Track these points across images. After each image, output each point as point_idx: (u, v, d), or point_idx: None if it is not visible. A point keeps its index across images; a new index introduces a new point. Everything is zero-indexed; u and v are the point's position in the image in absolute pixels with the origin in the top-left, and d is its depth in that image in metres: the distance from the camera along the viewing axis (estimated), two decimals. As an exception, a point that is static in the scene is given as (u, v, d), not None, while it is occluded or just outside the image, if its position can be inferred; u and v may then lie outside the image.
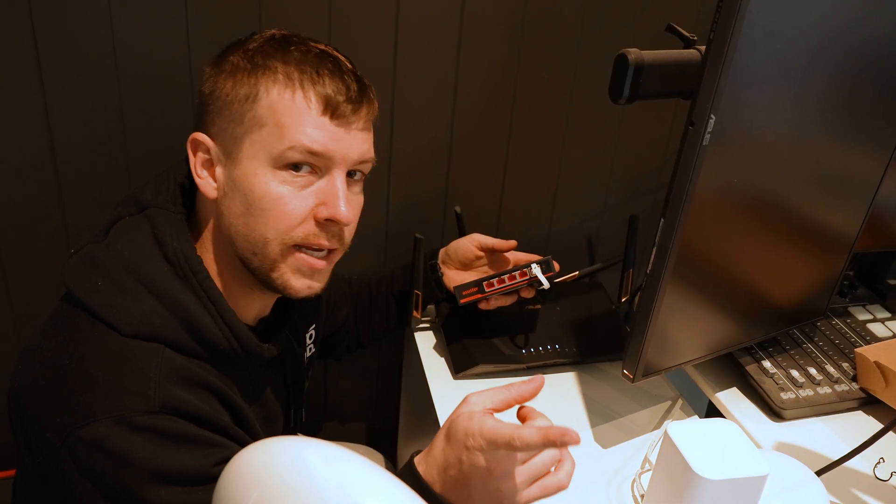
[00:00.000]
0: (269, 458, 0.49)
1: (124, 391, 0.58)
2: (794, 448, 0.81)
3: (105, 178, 0.92)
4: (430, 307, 1.04)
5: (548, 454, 0.60)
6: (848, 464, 0.73)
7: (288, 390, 0.81)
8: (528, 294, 0.92)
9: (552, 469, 0.61)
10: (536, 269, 0.88)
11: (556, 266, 0.90)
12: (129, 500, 0.58)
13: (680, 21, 0.85)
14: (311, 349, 0.88)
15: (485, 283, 0.89)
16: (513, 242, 0.94)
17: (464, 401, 0.62)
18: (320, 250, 0.68)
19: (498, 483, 0.58)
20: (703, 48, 0.81)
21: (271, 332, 0.76)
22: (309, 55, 0.66)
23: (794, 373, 0.88)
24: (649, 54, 0.77)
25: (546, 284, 0.89)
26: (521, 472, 0.59)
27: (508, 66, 1.00)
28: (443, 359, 0.97)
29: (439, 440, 0.61)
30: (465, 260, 0.95)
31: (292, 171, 0.65)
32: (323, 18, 0.91)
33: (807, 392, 0.86)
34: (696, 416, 0.91)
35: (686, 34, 0.82)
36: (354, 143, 0.67)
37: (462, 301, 0.90)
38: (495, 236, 0.96)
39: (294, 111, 0.64)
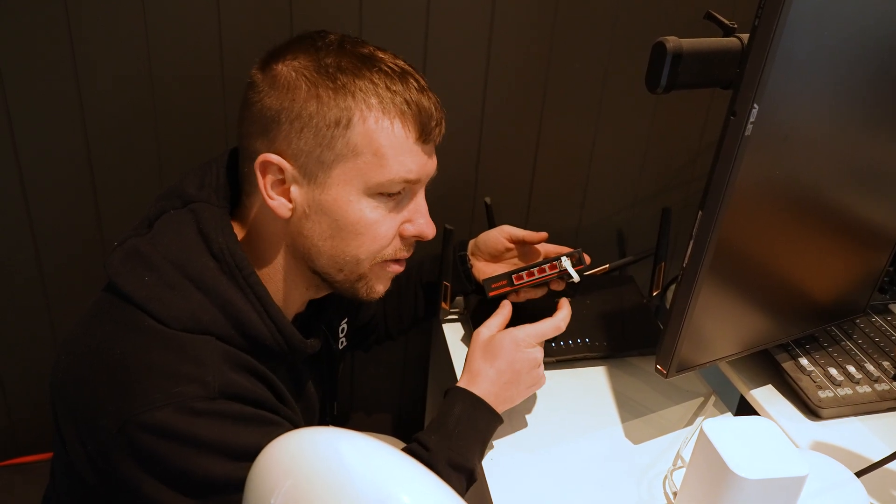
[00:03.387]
0: (302, 447, 0.49)
1: (183, 378, 0.58)
2: (831, 448, 0.79)
3: (139, 186, 0.94)
4: (459, 298, 1.03)
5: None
6: (890, 465, 0.71)
7: (323, 384, 0.82)
8: (558, 287, 0.91)
9: None
10: (566, 262, 0.87)
11: (587, 259, 0.89)
12: (193, 478, 0.58)
13: (719, 8, 0.83)
14: (342, 342, 0.88)
15: (514, 275, 0.88)
16: (543, 234, 0.93)
17: (476, 334, 0.81)
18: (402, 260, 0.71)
19: (540, 370, 0.80)
20: (743, 36, 0.79)
21: (308, 327, 0.76)
22: (394, 76, 0.65)
23: (833, 371, 0.86)
24: (688, 42, 0.75)
25: (576, 277, 0.87)
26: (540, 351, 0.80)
27: (540, 54, 0.98)
28: (471, 351, 0.96)
29: (478, 363, 0.78)
30: (494, 252, 0.94)
31: (385, 196, 0.66)
32: (354, 10, 0.90)
33: (845, 391, 0.84)
34: (729, 413, 0.89)
35: (726, 22, 0.80)
36: (433, 159, 0.69)
37: (491, 294, 0.89)
38: (524, 228, 0.94)
39: (394, 142, 0.64)
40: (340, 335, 0.87)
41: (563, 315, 0.82)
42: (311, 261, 0.68)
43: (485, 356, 0.77)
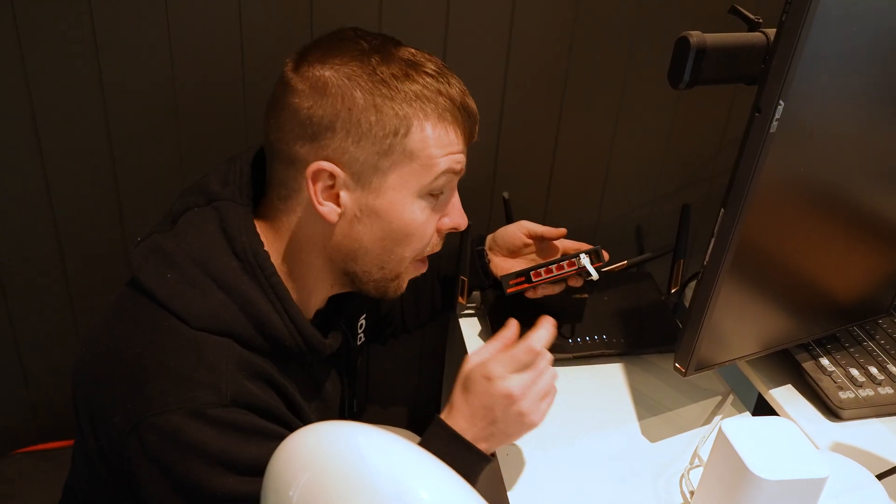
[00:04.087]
0: (321, 441, 0.49)
1: (197, 383, 0.59)
2: (851, 449, 0.78)
3: (161, 187, 0.94)
4: (476, 293, 1.03)
5: (549, 373, 0.71)
6: (912, 469, 0.70)
7: (342, 381, 0.82)
8: (576, 283, 0.91)
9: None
10: (585, 260, 0.87)
11: (606, 256, 0.88)
12: (196, 488, 0.59)
13: (743, 2, 0.82)
14: (361, 338, 0.88)
15: (532, 272, 0.88)
16: (562, 230, 0.92)
17: (464, 361, 0.71)
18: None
19: (520, 405, 0.67)
20: (768, 31, 0.77)
21: (327, 324, 0.76)
22: (442, 80, 0.66)
23: (854, 371, 0.85)
24: (712, 37, 0.74)
25: (595, 275, 0.87)
26: (534, 392, 0.69)
27: (560, 48, 0.98)
28: (487, 346, 0.96)
29: (457, 396, 0.69)
30: (512, 247, 0.94)
31: (433, 197, 0.68)
32: (374, 8, 0.90)
33: (867, 392, 0.83)
34: (748, 413, 0.89)
35: (751, 16, 0.79)
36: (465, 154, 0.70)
37: (509, 290, 0.88)
38: (542, 223, 0.94)
39: (447, 145, 0.66)
40: (359, 330, 0.87)
41: (538, 335, 0.69)
42: (354, 261, 0.68)
43: (463, 389, 0.69)
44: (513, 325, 0.74)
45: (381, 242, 0.67)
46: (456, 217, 0.71)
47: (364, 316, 0.88)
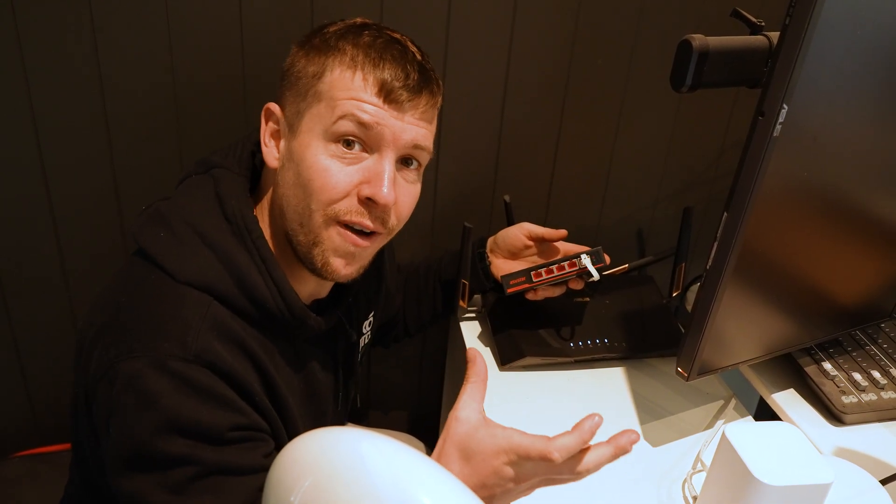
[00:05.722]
0: (324, 446, 0.49)
1: (165, 334, 0.60)
2: (855, 454, 0.78)
3: (161, 187, 0.93)
4: (476, 296, 1.03)
5: (565, 469, 0.58)
6: (915, 474, 0.70)
7: (338, 372, 0.82)
8: (578, 286, 0.90)
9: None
10: (586, 260, 0.86)
11: (607, 258, 0.88)
12: (138, 440, 0.59)
13: (746, 5, 0.82)
14: (367, 336, 0.88)
15: (533, 272, 0.88)
16: (563, 232, 0.92)
17: (454, 419, 0.60)
18: (362, 231, 0.68)
19: (523, 488, 0.59)
20: (771, 34, 0.77)
21: (325, 314, 0.76)
22: (378, 41, 0.67)
23: (857, 376, 0.84)
24: (714, 40, 0.74)
25: (596, 276, 0.87)
26: (538, 480, 0.59)
27: (562, 51, 0.97)
28: (488, 349, 0.96)
29: (454, 465, 0.59)
30: (513, 249, 0.94)
31: (343, 147, 0.66)
32: (375, 8, 0.90)
33: (870, 396, 0.82)
34: (750, 417, 0.88)
35: (753, 19, 0.78)
36: (407, 128, 0.67)
37: (509, 290, 0.88)
38: (544, 226, 0.94)
39: (350, 88, 0.65)
40: (366, 329, 0.87)
41: (560, 444, 0.56)
42: (283, 217, 0.69)
43: (466, 455, 0.59)
44: (480, 361, 0.64)
45: (292, 189, 0.67)
46: (375, 186, 0.65)
47: (373, 314, 0.88)
